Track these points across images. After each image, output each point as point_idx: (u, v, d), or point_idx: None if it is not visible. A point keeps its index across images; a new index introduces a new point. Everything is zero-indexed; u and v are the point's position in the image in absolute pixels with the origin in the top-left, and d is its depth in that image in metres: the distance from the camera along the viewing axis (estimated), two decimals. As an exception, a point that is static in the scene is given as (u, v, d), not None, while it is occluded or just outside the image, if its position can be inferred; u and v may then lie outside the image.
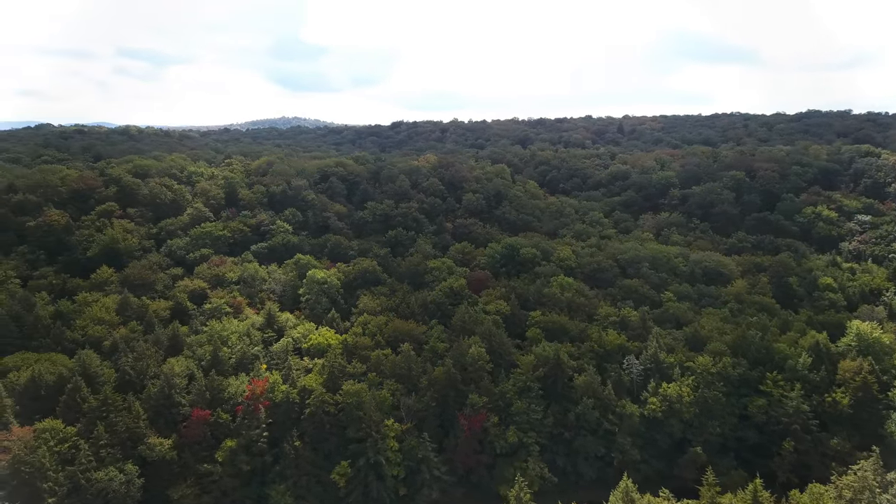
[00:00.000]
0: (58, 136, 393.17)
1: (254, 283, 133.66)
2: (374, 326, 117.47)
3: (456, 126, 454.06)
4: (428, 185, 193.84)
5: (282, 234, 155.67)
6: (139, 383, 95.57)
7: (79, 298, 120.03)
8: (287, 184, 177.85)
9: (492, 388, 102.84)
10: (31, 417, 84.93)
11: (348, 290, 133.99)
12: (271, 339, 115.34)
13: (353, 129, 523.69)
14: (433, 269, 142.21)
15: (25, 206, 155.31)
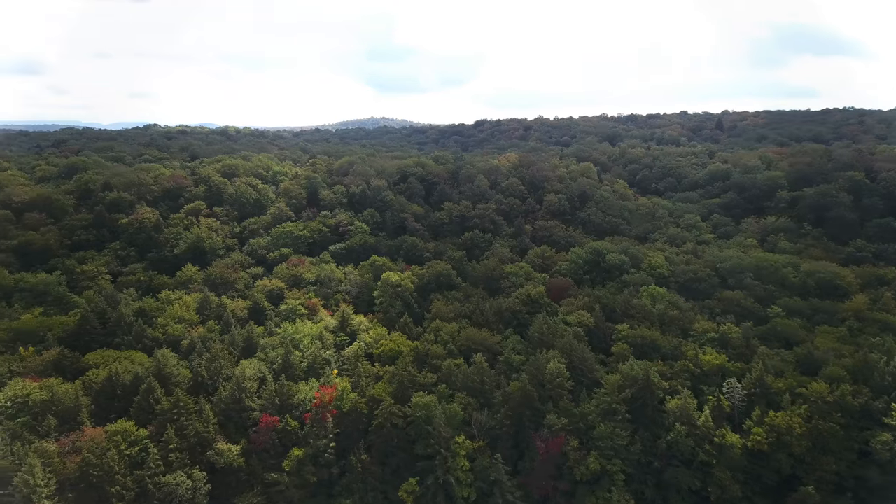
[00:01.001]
0: (163, 135, 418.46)
1: (330, 284, 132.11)
2: (446, 334, 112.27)
3: (540, 123, 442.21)
4: (507, 184, 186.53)
5: (359, 234, 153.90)
6: (212, 385, 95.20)
7: (162, 296, 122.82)
8: (366, 184, 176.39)
9: (572, 409, 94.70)
10: (107, 417, 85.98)
11: (422, 294, 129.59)
12: (343, 343, 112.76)
13: (436, 128, 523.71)
14: (510, 274, 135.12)
15: (120, 203, 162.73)
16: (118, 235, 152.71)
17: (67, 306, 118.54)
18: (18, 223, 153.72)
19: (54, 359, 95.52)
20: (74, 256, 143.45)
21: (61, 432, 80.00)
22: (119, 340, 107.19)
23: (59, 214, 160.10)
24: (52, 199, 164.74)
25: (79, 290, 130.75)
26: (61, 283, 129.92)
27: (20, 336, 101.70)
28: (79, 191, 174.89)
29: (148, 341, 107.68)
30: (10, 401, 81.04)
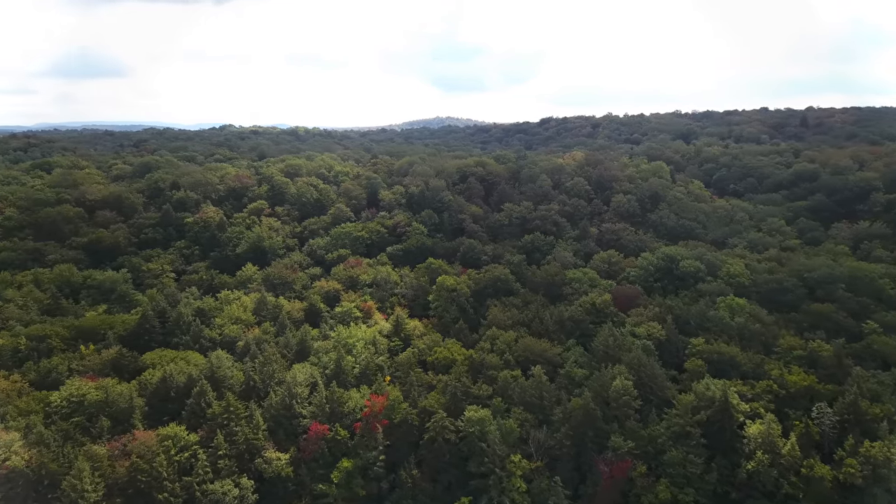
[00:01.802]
0: (236, 136, 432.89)
1: (386, 286, 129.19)
2: (503, 343, 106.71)
3: (609, 121, 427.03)
4: (572, 184, 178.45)
5: (417, 236, 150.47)
6: (263, 390, 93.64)
7: (221, 296, 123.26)
8: (425, 184, 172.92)
9: (640, 431, 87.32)
10: (160, 419, 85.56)
11: (478, 300, 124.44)
12: (397, 349, 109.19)
13: (500, 127, 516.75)
14: (573, 280, 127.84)
15: (186, 202, 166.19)
16: (184, 234, 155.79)
17: (130, 304, 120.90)
18: (90, 221, 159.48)
19: (113, 358, 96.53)
20: (141, 254, 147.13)
21: (113, 434, 79.97)
22: (177, 340, 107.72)
23: (129, 212, 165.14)
24: (122, 197, 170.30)
25: (144, 287, 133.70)
26: (127, 281, 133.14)
27: (82, 334, 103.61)
28: (149, 189, 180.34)
29: (205, 342, 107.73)
30: (66, 400, 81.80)
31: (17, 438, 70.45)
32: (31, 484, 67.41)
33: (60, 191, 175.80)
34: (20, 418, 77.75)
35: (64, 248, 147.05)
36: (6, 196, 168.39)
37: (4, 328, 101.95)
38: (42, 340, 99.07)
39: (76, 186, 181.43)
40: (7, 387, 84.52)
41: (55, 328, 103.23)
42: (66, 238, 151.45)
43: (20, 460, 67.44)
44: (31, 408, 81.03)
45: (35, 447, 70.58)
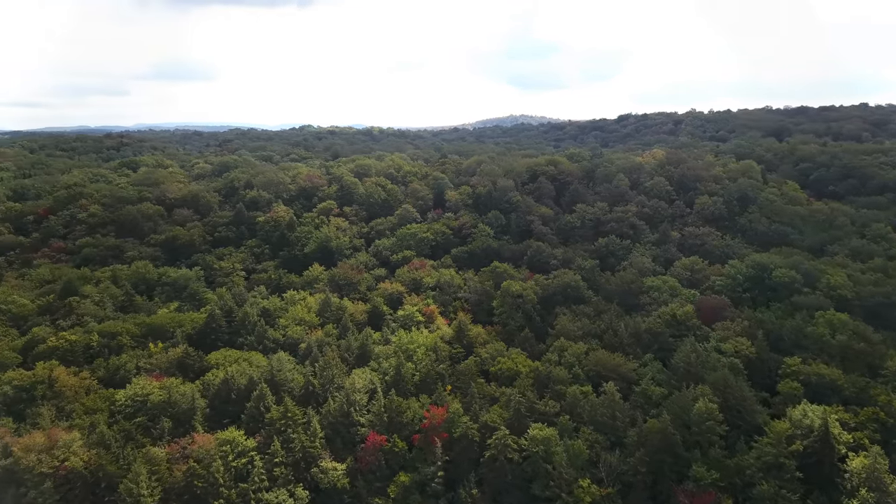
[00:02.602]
0: (314, 136, 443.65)
1: (449, 290, 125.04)
2: (572, 355, 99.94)
3: (692, 117, 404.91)
4: (651, 184, 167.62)
5: (482, 237, 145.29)
6: (322, 395, 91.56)
7: (287, 296, 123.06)
8: (493, 184, 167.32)
9: (725, 460, 78.78)
10: (220, 422, 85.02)
11: (546, 307, 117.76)
12: (459, 357, 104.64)
13: (576, 124, 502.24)
14: (651, 288, 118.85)
15: (258, 201, 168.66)
16: (255, 233, 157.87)
17: (200, 303, 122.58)
18: (169, 218, 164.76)
19: (179, 357, 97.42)
20: (214, 252, 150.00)
21: (174, 436, 79.79)
22: (242, 340, 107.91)
23: (205, 211, 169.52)
24: (199, 196, 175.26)
25: (216, 285, 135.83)
26: (199, 279, 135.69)
27: (152, 331, 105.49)
28: (225, 188, 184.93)
29: (268, 343, 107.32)
30: (130, 399, 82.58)
31: (77, 438, 71.17)
32: (88, 486, 67.83)
33: (142, 189, 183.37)
34: (85, 416, 79.02)
35: (143, 245, 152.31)
36: (92, 193, 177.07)
37: (79, 324, 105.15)
38: (113, 337, 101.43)
39: (157, 185, 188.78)
40: (75, 384, 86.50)
41: (126, 325, 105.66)
42: (146, 235, 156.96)
43: (79, 461, 67.93)
44: (96, 406, 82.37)
45: (94, 448, 70.97)
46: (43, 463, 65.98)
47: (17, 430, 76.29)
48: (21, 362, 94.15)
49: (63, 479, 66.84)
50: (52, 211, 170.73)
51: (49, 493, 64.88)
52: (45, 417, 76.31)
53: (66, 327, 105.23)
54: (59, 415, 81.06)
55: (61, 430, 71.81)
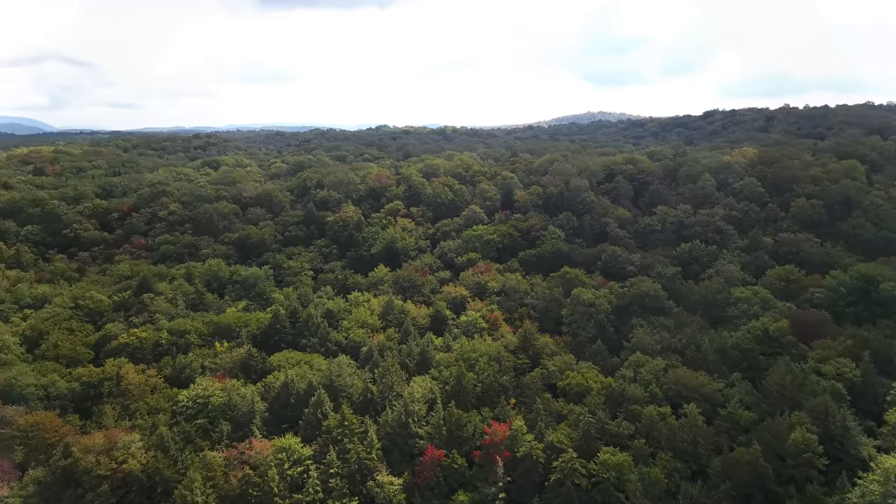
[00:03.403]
0: (389, 136, 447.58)
1: (515, 296, 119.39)
2: (649, 372, 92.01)
3: (786, 113, 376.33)
4: (741, 185, 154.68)
5: (552, 240, 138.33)
6: (380, 403, 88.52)
7: (351, 297, 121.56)
8: (565, 184, 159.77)
9: (825, 498, 69.39)
10: (279, 426, 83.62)
11: (620, 317, 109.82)
12: (524, 368, 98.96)
13: (657, 121, 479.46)
14: (740, 299, 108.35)
15: (328, 201, 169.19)
16: (324, 232, 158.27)
17: (267, 302, 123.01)
18: (243, 217, 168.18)
19: (242, 358, 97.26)
20: (284, 251, 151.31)
21: (233, 440, 78.92)
22: (305, 342, 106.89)
23: (278, 210, 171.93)
24: (272, 195, 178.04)
25: (284, 284, 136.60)
26: (269, 278, 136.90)
27: (219, 331, 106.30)
28: (298, 188, 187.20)
29: (331, 345, 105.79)
30: (192, 401, 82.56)
31: (137, 440, 71.29)
32: (144, 490, 67.66)
33: (220, 188, 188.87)
34: (147, 416, 79.52)
35: (217, 242, 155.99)
36: (173, 192, 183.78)
37: (150, 322, 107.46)
38: (181, 335, 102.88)
39: (234, 184, 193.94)
40: (142, 381, 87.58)
41: (195, 323, 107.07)
42: (220, 233, 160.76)
43: (136, 464, 67.83)
44: (159, 406, 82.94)
45: (153, 450, 70.81)
46: (101, 465, 66.32)
47: (83, 428, 77.79)
48: (93, 358, 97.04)
49: (120, 481, 66.96)
50: (135, 208, 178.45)
51: (105, 496, 65.05)
52: (109, 416, 77.37)
53: (138, 324, 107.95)
54: (123, 413, 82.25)
55: (121, 431, 72.25)
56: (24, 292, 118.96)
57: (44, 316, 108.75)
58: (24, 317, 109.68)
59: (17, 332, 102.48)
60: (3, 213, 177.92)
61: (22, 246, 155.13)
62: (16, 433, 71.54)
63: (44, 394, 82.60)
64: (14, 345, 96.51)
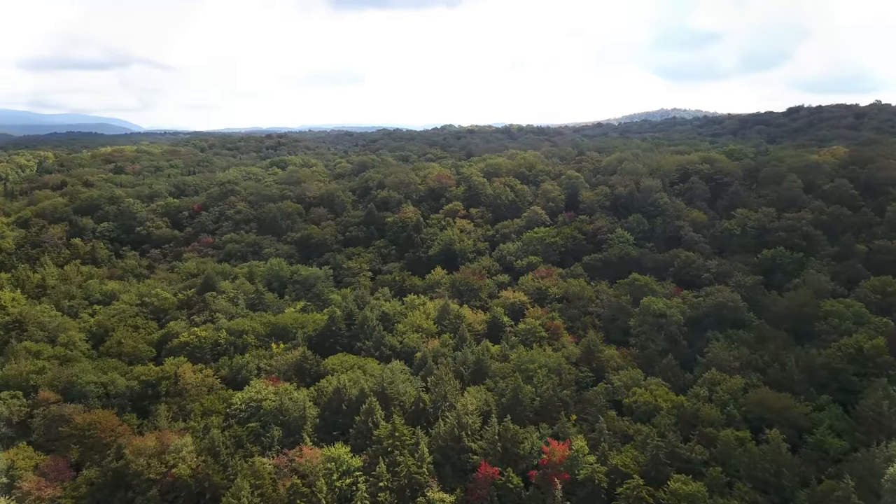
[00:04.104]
0: (454, 135, 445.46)
1: (578, 303, 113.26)
2: (726, 391, 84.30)
3: (878, 109, 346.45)
4: (831, 188, 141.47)
5: (620, 244, 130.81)
6: (433, 414, 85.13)
7: (407, 300, 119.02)
8: (635, 184, 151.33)
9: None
10: (330, 433, 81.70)
11: (694, 330, 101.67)
12: (586, 382, 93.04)
13: (736, 118, 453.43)
14: (829, 313, 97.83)
15: (389, 201, 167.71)
16: (384, 233, 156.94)
17: (324, 303, 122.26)
18: (306, 217, 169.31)
19: (297, 360, 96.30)
20: (344, 252, 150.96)
21: (284, 445, 77.51)
22: (360, 345, 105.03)
23: (339, 210, 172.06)
24: (335, 195, 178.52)
25: (343, 285, 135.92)
26: (328, 278, 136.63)
27: (276, 331, 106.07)
28: (360, 188, 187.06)
29: (385, 349, 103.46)
30: (245, 404, 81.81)
31: (188, 443, 70.85)
32: (193, 496, 66.93)
33: (285, 187, 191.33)
34: (201, 418, 79.29)
35: (280, 242, 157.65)
36: (240, 191, 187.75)
37: (211, 321, 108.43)
38: (240, 336, 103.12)
39: (299, 183, 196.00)
40: (198, 381, 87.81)
41: (253, 324, 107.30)
42: (283, 233, 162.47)
43: (186, 469, 67.21)
44: (214, 407, 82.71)
45: (203, 455, 70.12)
46: (151, 468, 66.16)
47: (140, 428, 78.42)
48: (155, 356, 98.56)
49: (169, 486, 66.56)
50: (204, 207, 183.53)
51: (154, 501, 64.75)
52: (162, 417, 77.56)
53: (199, 323, 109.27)
54: (179, 413, 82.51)
55: (174, 434, 72.07)
56: (95, 288, 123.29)
57: (111, 312, 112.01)
58: (92, 312, 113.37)
59: (84, 328, 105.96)
60: (81, 211, 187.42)
61: (97, 242, 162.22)
62: (73, 431, 72.80)
63: (103, 392, 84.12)
64: (80, 341, 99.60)
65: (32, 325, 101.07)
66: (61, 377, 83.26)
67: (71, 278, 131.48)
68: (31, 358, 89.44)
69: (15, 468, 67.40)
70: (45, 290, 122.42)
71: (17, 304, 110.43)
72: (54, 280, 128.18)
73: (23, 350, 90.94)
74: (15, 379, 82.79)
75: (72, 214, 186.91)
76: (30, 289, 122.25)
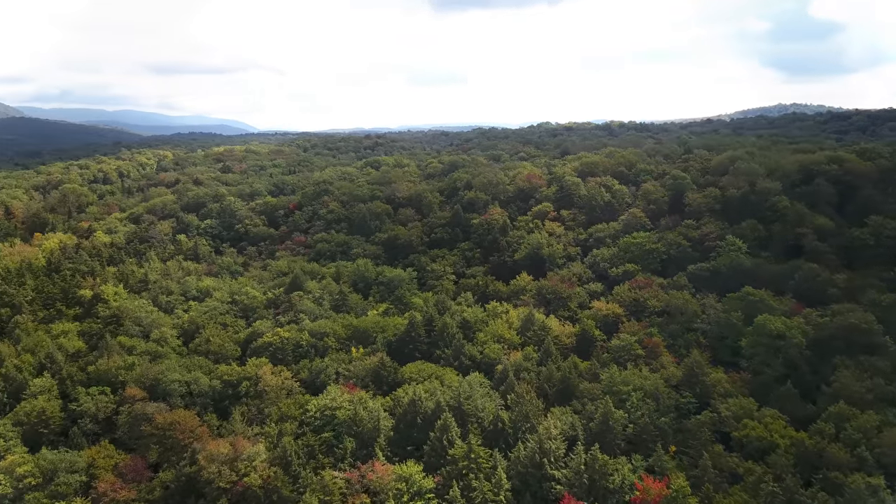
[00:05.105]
0: (549, 133, 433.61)
1: (681, 318, 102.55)
2: (856, 429, 72.38)
3: None
4: None
5: (731, 252, 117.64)
6: (512, 435, 79.16)
7: (489, 307, 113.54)
8: (750, 186, 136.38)
9: None
10: (404, 448, 78.10)
11: (818, 355, 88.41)
12: (688, 409, 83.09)
13: (864, 113, 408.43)
14: None
15: (475, 203, 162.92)
16: (469, 235, 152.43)
17: (406, 306, 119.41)
18: (394, 217, 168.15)
19: (375, 366, 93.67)
20: (429, 254, 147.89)
21: (357, 458, 74.70)
22: (439, 353, 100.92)
23: (427, 211, 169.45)
24: (423, 195, 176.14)
25: (427, 288, 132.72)
26: (412, 280, 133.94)
27: (357, 335, 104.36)
28: (448, 189, 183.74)
29: (464, 359, 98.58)
30: (320, 411, 79.82)
31: (261, 451, 69.54)
32: (260, 507, 65.17)
33: (376, 188, 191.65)
34: (276, 424, 78.10)
35: (367, 242, 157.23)
36: (333, 191, 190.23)
37: (295, 321, 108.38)
38: (321, 338, 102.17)
39: (389, 184, 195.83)
40: (278, 384, 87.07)
41: (335, 326, 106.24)
42: (371, 233, 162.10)
43: (257, 479, 65.67)
44: (290, 412, 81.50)
45: (275, 465, 68.40)
46: (222, 476, 65.22)
47: (219, 429, 78.40)
48: (239, 356, 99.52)
49: (239, 495, 65.40)
50: (299, 206, 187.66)
51: (223, 510, 63.63)
52: (237, 421, 77.04)
53: (283, 323, 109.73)
54: (256, 417, 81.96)
55: (247, 441, 70.97)
56: (192, 284, 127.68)
57: (203, 309, 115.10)
58: (186, 309, 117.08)
59: (177, 324, 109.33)
60: (188, 208, 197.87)
61: (199, 239, 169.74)
62: (153, 431, 73.77)
63: (186, 391, 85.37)
64: (171, 338, 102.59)
65: (129, 321, 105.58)
66: (148, 374, 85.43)
67: (171, 274, 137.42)
68: (124, 353, 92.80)
69: (95, 466, 68.99)
70: (146, 285, 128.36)
71: (119, 298, 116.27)
72: (156, 275, 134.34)
73: (116, 345, 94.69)
74: (105, 374, 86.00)
75: (179, 211, 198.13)
76: (133, 283, 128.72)
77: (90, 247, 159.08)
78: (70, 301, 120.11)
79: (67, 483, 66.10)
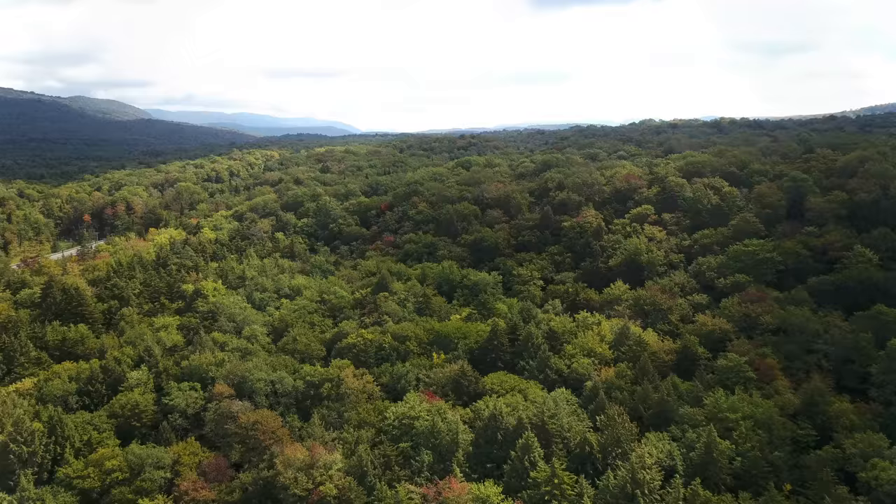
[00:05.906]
0: (652, 130, 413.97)
1: (799, 338, 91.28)
2: None
3: None
4: None
5: (859, 265, 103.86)
6: (601, 461, 73.04)
7: (579, 317, 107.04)
8: (883, 190, 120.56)
9: None
10: (483, 465, 74.04)
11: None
12: (807, 443, 73.22)
13: None
14: None
15: (567, 204, 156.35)
16: (559, 238, 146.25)
17: (489, 312, 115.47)
18: (481, 218, 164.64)
19: (455, 374, 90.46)
20: (516, 257, 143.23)
21: (433, 472, 71.77)
22: (523, 364, 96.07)
23: (515, 212, 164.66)
24: (511, 196, 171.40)
25: (512, 293, 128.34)
26: (497, 284, 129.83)
27: (439, 339, 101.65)
28: (538, 189, 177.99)
29: (550, 373, 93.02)
30: (398, 420, 77.68)
31: (338, 460, 68.23)
32: (332, 519, 63.60)
33: (464, 188, 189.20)
34: (354, 430, 76.84)
35: (454, 244, 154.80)
36: (423, 191, 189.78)
37: (378, 323, 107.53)
38: (403, 341, 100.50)
39: (479, 184, 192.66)
40: (358, 388, 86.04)
41: (417, 329, 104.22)
42: (458, 234, 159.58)
43: (332, 488, 64.25)
44: (369, 419, 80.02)
45: (351, 475, 66.82)
46: (298, 483, 64.39)
47: (300, 431, 78.29)
48: (324, 356, 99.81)
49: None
50: (390, 206, 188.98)
51: (297, 518, 62.77)
52: (316, 424, 76.44)
53: (368, 324, 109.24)
54: (336, 421, 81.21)
55: (323, 448, 69.98)
56: (285, 282, 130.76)
57: (293, 307, 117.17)
58: (278, 306, 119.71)
59: (267, 321, 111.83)
60: (288, 207, 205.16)
61: (296, 237, 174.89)
62: (237, 430, 74.68)
63: (271, 390, 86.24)
64: (262, 335, 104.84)
65: (223, 317, 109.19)
66: (236, 372, 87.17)
67: (268, 271, 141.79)
68: (216, 349, 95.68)
69: (180, 463, 70.66)
70: (243, 282, 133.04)
71: (218, 293, 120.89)
72: (253, 272, 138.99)
73: (209, 341, 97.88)
74: (196, 370, 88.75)
75: (279, 210, 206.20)
76: (231, 279, 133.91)
77: (196, 242, 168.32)
78: (174, 295, 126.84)
79: (152, 479, 68.08)
